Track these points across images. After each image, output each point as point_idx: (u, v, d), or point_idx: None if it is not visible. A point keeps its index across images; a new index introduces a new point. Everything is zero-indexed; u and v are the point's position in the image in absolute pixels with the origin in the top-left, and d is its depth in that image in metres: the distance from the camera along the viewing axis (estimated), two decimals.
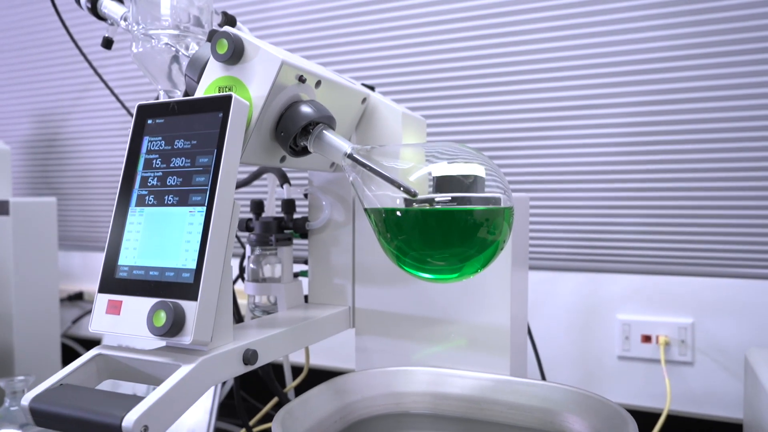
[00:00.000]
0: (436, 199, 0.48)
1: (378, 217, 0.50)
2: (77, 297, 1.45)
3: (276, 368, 1.11)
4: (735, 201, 0.96)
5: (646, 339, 1.01)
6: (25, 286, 1.13)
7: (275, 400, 0.98)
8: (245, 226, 0.70)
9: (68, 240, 1.54)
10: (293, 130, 0.54)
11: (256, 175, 0.76)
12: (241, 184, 0.77)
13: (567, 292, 1.06)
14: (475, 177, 0.68)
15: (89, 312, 0.50)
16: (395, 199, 0.49)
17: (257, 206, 0.70)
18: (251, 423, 0.93)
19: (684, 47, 0.97)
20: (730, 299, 0.97)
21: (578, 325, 1.05)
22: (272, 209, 0.75)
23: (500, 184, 0.49)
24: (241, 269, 0.81)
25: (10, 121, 1.62)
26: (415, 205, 0.48)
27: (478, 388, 0.61)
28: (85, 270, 1.51)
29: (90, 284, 1.49)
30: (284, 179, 0.71)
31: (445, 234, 0.47)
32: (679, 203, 0.99)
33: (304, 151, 0.57)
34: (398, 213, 0.48)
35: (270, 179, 0.75)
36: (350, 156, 0.53)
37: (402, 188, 0.49)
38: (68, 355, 1.39)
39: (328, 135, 0.54)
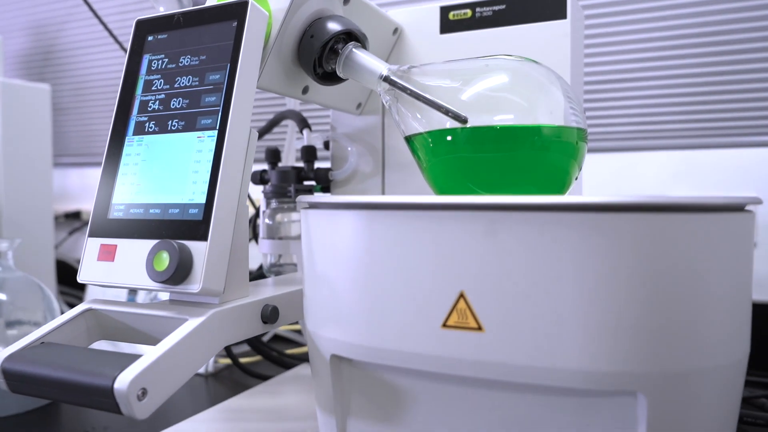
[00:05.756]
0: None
1: (423, 144, 0.42)
2: (74, 216, 1.35)
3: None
4: None
5: None
6: (14, 181, 1.00)
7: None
8: (259, 178, 0.62)
9: (66, 155, 1.44)
10: (317, 45, 0.45)
11: (273, 123, 0.67)
12: None
13: (607, 175, 0.91)
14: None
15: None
16: (444, 125, 0.41)
17: (273, 155, 0.62)
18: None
19: None
20: None
21: None
22: (291, 161, 0.67)
23: (573, 105, 0.40)
24: (254, 230, 0.73)
25: (3, 35, 1.52)
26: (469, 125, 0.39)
27: None
28: (83, 190, 1.40)
29: (88, 203, 1.37)
30: (304, 124, 0.62)
31: (505, 162, 0.39)
32: (729, 57, 0.83)
33: (332, 78, 0.48)
34: (449, 137, 0.40)
35: (289, 127, 0.66)
36: (387, 79, 0.44)
37: (450, 113, 0.41)
38: (64, 273, 1.24)
39: (360, 54, 0.46)
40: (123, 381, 0.31)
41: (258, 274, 0.76)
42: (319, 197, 0.38)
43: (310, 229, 0.39)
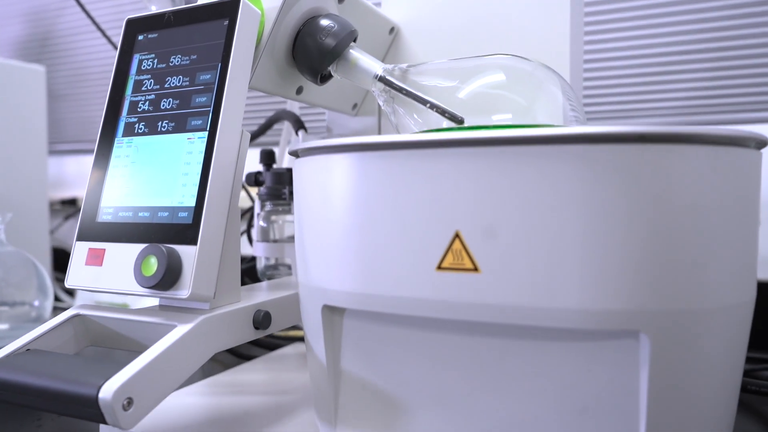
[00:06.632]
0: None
1: None
2: (70, 203, 1.33)
3: None
4: None
5: None
6: (8, 164, 0.96)
7: None
8: (254, 179, 0.61)
9: (63, 142, 1.42)
10: (315, 55, 0.44)
11: (268, 124, 0.66)
12: (252, 136, 0.68)
13: None
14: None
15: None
16: (440, 125, 0.40)
17: (267, 156, 0.61)
18: None
19: None
20: None
21: None
22: (285, 162, 0.66)
23: (572, 104, 0.39)
24: (249, 231, 0.72)
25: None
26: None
27: None
28: (80, 177, 1.38)
29: (84, 190, 1.35)
30: (300, 125, 0.61)
31: None
32: (727, 33, 0.80)
33: (327, 77, 0.48)
34: None
35: (284, 129, 0.65)
36: (382, 79, 0.43)
37: (447, 114, 0.40)
38: (62, 261, 1.19)
39: (355, 54, 0.45)
40: (108, 390, 0.30)
41: (251, 266, 0.74)
42: (310, 143, 0.37)
43: (301, 177, 0.38)
